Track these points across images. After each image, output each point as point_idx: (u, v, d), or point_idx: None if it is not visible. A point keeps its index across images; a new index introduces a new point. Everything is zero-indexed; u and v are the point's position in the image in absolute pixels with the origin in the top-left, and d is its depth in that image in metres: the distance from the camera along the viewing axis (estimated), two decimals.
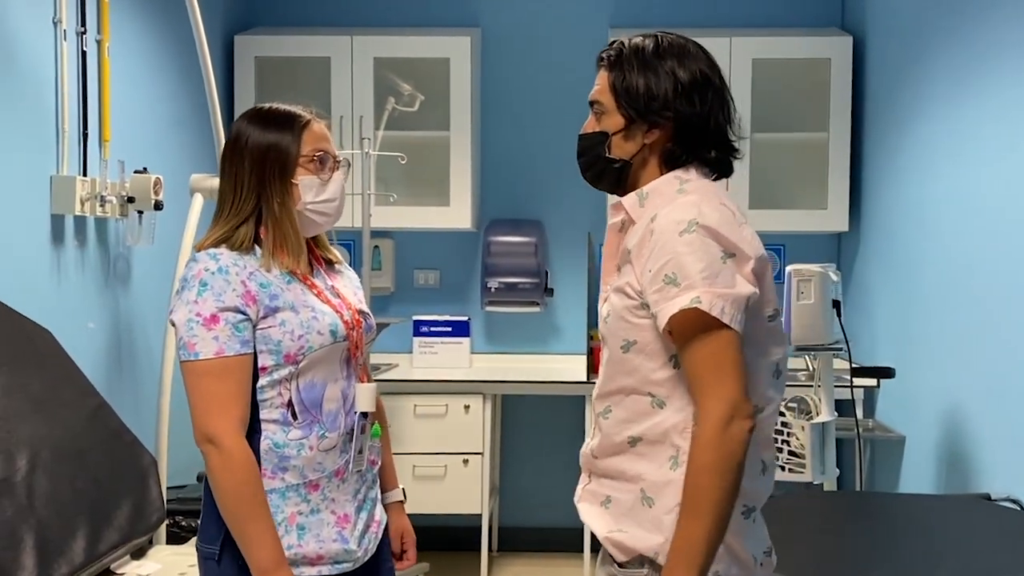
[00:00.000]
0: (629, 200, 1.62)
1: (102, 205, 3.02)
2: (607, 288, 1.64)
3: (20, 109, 2.75)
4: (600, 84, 1.64)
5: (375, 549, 1.86)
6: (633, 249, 1.56)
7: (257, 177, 1.74)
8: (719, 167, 1.64)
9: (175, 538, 3.14)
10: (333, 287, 1.84)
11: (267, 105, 1.81)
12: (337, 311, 1.79)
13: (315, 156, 1.77)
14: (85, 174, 3.02)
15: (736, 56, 4.13)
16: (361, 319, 1.84)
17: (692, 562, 1.44)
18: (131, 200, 3.12)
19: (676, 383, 1.53)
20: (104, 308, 3.19)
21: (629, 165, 1.63)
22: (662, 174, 1.61)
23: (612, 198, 1.69)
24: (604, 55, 1.66)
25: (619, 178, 1.64)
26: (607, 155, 1.63)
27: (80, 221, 3.04)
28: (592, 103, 1.65)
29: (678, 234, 1.49)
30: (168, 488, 3.13)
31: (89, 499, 2.35)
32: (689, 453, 1.48)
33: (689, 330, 1.48)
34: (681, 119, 1.58)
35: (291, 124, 1.76)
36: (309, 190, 1.76)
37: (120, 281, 3.29)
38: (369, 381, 1.85)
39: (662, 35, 1.65)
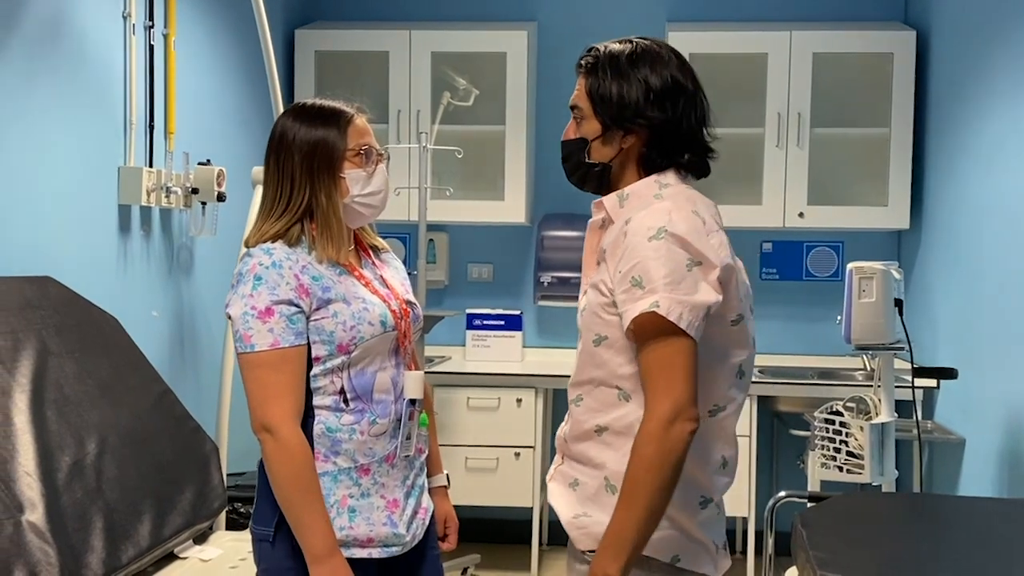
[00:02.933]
0: (609, 200, 1.69)
1: (167, 196, 3.09)
2: (586, 283, 1.73)
3: (90, 102, 2.82)
4: (579, 90, 1.71)
5: (422, 535, 1.90)
6: (608, 248, 1.64)
7: (307, 172, 1.78)
8: (694, 169, 1.71)
9: (234, 524, 3.20)
10: (382, 277, 1.89)
11: (309, 101, 1.85)
12: (385, 301, 1.83)
13: (360, 150, 1.81)
14: (151, 165, 3.09)
15: (796, 50, 4.08)
16: (408, 309, 1.88)
17: (620, 549, 1.52)
18: (195, 191, 3.18)
19: None
20: (168, 297, 3.26)
21: (609, 168, 1.70)
22: (640, 177, 1.68)
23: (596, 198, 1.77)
24: (582, 61, 1.72)
25: (601, 181, 1.71)
26: (587, 160, 1.70)
27: (146, 211, 3.10)
28: (572, 108, 1.72)
29: (647, 239, 1.56)
30: (228, 475, 3.19)
31: (154, 484, 2.40)
32: (632, 447, 1.55)
33: (647, 332, 1.55)
34: (654, 125, 1.64)
35: (336, 119, 1.81)
36: (356, 183, 1.81)
37: (183, 271, 3.36)
38: (416, 369, 1.89)
39: (637, 42, 1.70)
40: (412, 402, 1.85)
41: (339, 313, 1.76)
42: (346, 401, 1.78)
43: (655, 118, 1.64)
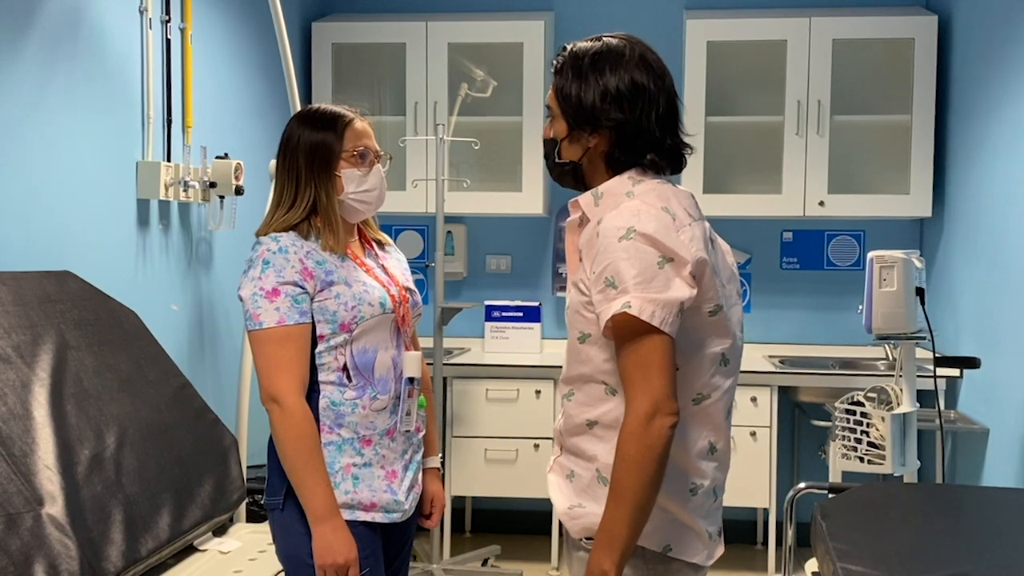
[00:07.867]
0: (584, 199, 1.71)
1: (185, 190, 3.10)
2: (570, 281, 1.75)
3: (108, 97, 2.83)
4: (551, 90, 1.74)
5: (412, 510, 2.04)
6: (584, 248, 1.66)
7: (310, 172, 1.95)
8: (660, 168, 1.69)
9: (254, 516, 3.21)
10: (383, 266, 2.04)
11: (315, 107, 2.02)
12: (385, 286, 1.98)
13: (356, 151, 1.97)
14: (169, 160, 3.10)
15: (816, 37, 4.04)
16: (408, 295, 2.03)
17: (614, 543, 1.56)
18: (213, 185, 3.19)
19: None
20: (187, 290, 3.27)
21: (580, 166, 1.72)
22: (608, 175, 1.70)
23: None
24: (554, 60, 1.74)
25: (576, 179, 1.74)
26: (558, 159, 1.73)
27: (164, 205, 3.12)
28: (547, 107, 1.76)
29: (617, 240, 1.58)
30: (247, 468, 3.21)
31: (173, 476, 2.41)
32: (615, 445, 1.58)
33: (623, 331, 1.57)
34: (615, 126, 1.66)
35: (335, 124, 1.97)
36: (351, 181, 1.96)
37: (202, 264, 3.37)
38: (416, 350, 2.04)
39: (606, 40, 1.70)
40: (411, 380, 1.99)
41: (341, 294, 1.90)
42: (349, 377, 1.92)
43: (615, 119, 1.65)
